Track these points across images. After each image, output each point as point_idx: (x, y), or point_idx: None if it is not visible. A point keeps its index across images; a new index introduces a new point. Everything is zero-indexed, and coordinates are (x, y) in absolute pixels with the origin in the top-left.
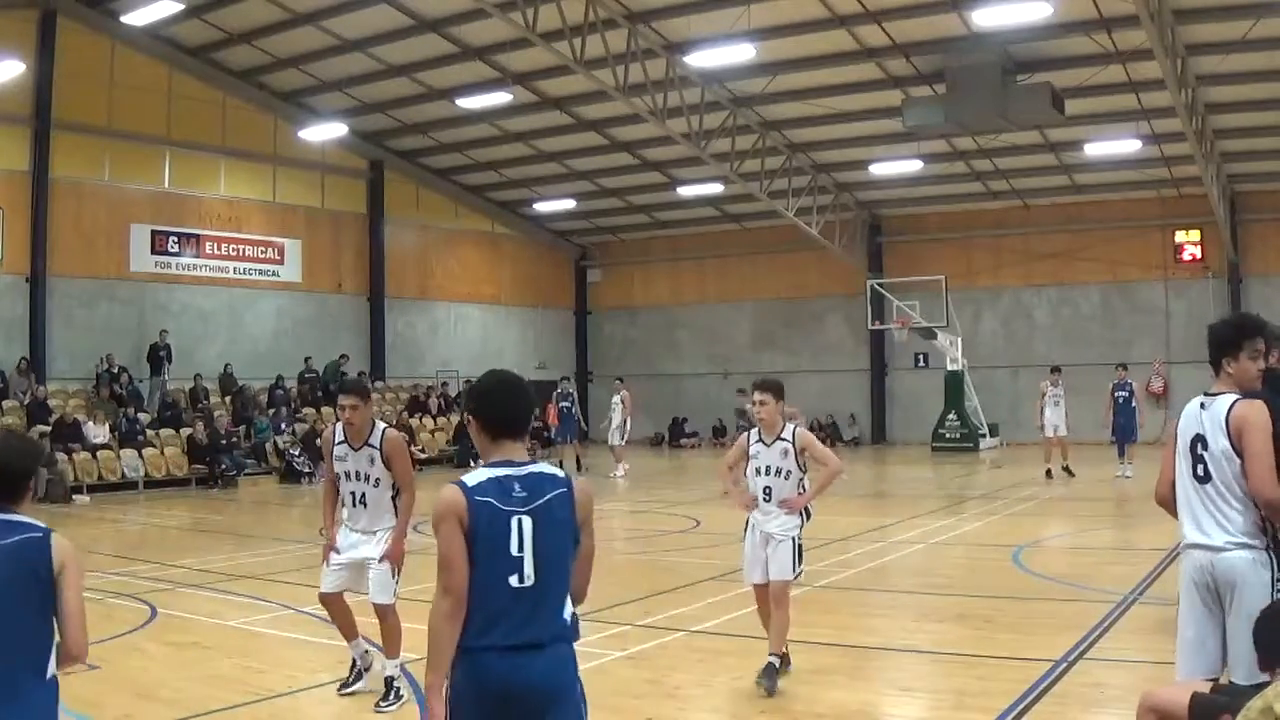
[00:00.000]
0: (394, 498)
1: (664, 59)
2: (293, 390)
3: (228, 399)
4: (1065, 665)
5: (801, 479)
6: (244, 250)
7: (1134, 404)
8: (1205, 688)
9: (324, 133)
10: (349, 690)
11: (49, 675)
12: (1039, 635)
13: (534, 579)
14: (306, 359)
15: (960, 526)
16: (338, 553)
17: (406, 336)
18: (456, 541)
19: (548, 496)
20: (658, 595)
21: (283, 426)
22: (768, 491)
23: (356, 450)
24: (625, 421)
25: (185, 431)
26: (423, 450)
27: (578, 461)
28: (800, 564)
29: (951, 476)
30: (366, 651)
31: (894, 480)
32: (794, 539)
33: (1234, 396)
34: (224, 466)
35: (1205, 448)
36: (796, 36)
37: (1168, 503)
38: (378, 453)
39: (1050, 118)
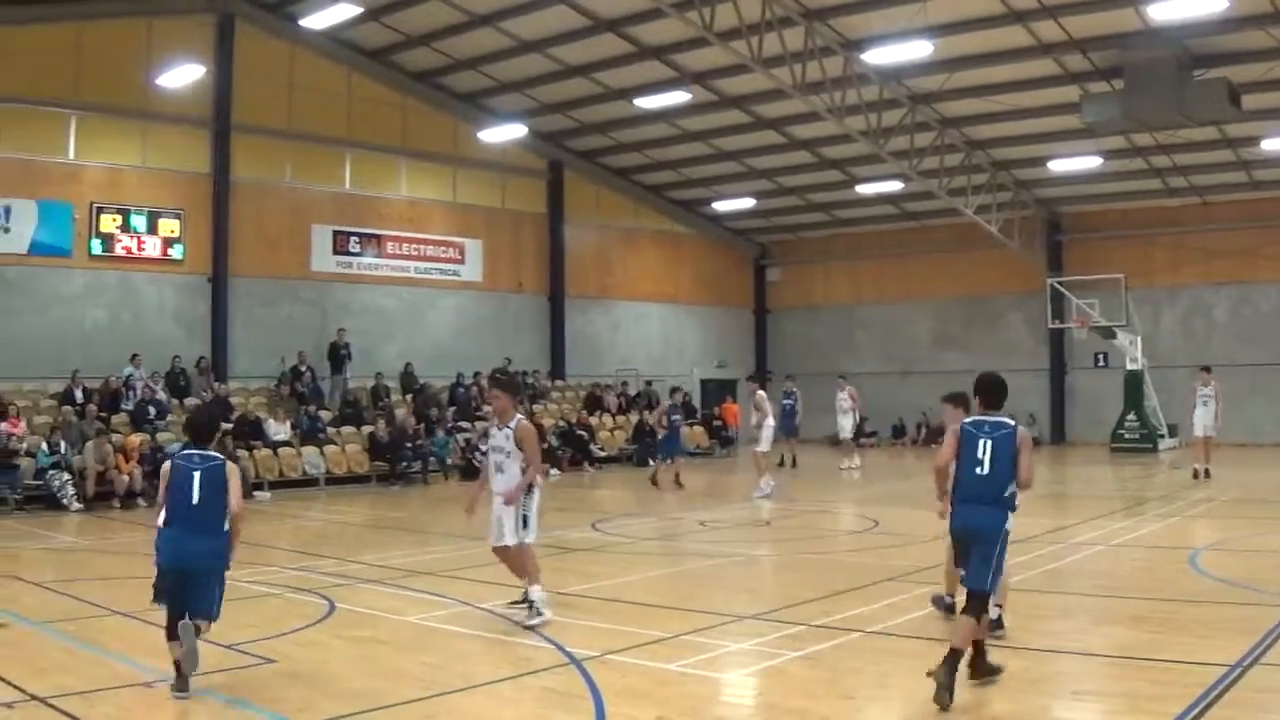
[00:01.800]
0: (523, 470)
1: (841, 56)
2: (473, 389)
3: (409, 397)
4: (1240, 670)
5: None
6: (425, 250)
7: None
8: None
9: (503, 133)
10: (514, 604)
11: (225, 528)
12: (1214, 639)
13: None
14: (507, 360)
15: (1139, 528)
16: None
17: (586, 335)
18: None
19: None
20: (836, 595)
21: (448, 428)
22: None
23: (499, 430)
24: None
25: (366, 429)
26: (601, 449)
27: (793, 459)
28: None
29: (1130, 477)
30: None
31: (1073, 481)
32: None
33: None
34: (406, 464)
35: None
36: (973, 33)
37: None
38: (512, 433)
39: (1228, 113)
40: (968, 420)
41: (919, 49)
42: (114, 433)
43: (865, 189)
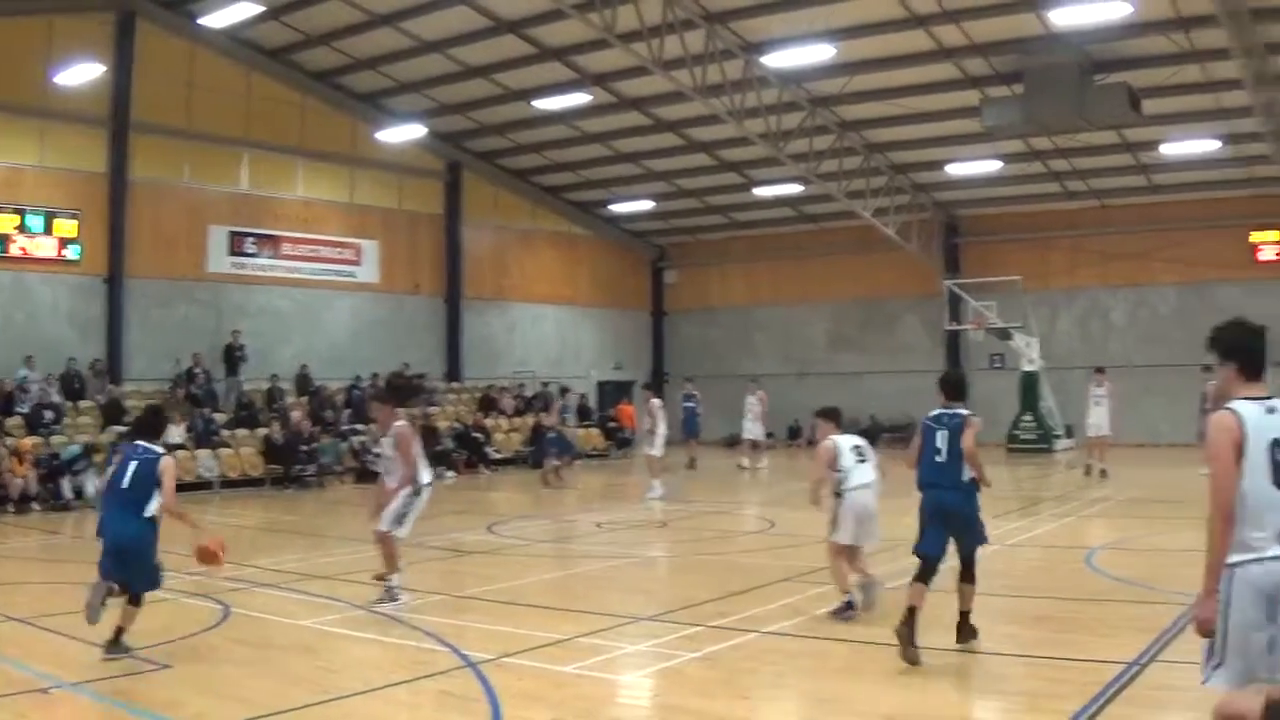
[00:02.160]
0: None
1: (742, 59)
2: (368, 392)
3: (304, 399)
4: (1137, 668)
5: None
6: (321, 251)
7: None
8: (1278, 693)
9: (402, 134)
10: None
11: (150, 514)
12: (1112, 638)
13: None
14: (405, 364)
15: (1035, 528)
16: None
17: (483, 337)
18: None
19: None
20: (732, 596)
21: (342, 431)
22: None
23: (385, 439)
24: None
25: (261, 432)
26: (497, 451)
27: (692, 461)
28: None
29: (1027, 478)
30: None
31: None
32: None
33: None
34: (300, 467)
35: None
36: (875, 36)
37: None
38: (393, 440)
39: (1128, 118)
40: (928, 416)
41: (820, 52)
42: (8, 436)
43: (763, 191)
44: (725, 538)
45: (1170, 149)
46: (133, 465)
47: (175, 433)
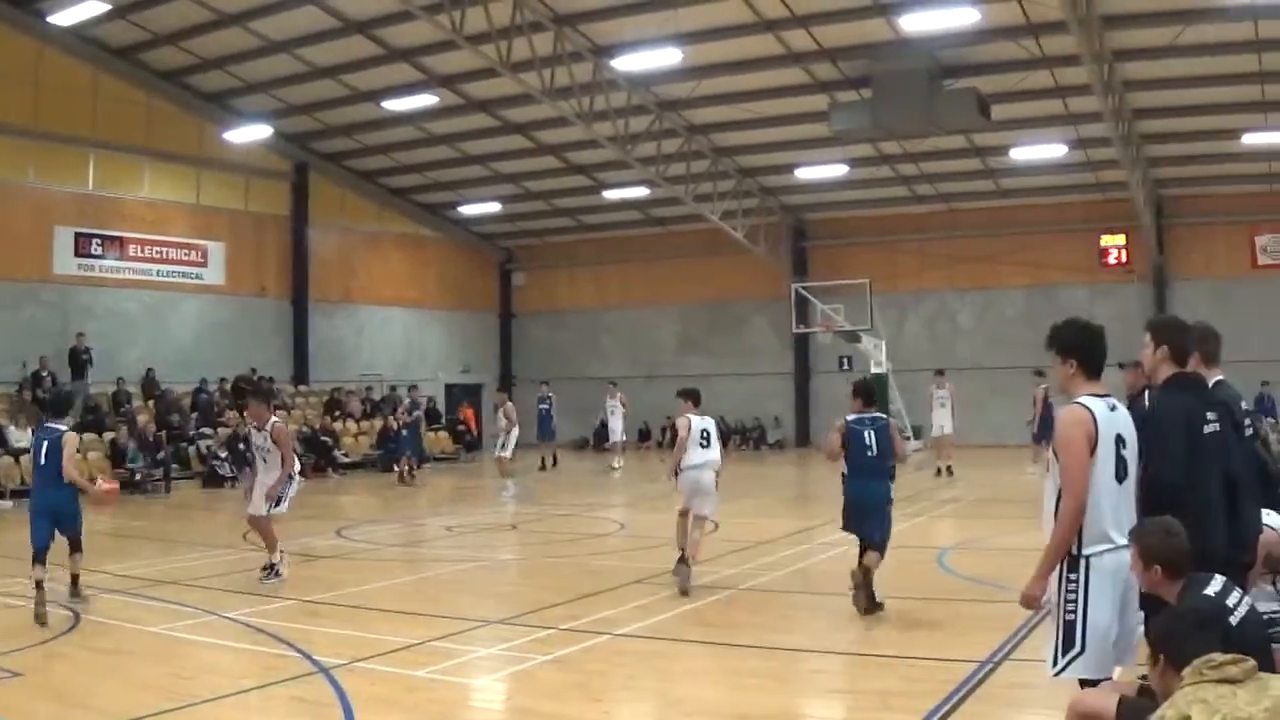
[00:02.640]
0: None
1: (591, 62)
2: (215, 395)
3: (150, 403)
4: (990, 666)
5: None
6: (167, 253)
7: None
8: (1132, 691)
9: (248, 134)
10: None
11: (65, 482)
12: (964, 636)
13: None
14: (253, 369)
15: None
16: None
17: (330, 340)
18: None
19: None
20: (583, 599)
21: (190, 435)
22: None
23: (258, 432)
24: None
25: (108, 436)
26: (345, 454)
27: (554, 459)
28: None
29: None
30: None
31: (818, 483)
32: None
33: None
34: (147, 472)
35: (1125, 447)
36: (724, 41)
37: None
38: (269, 434)
39: (976, 123)
40: (852, 418)
41: (669, 56)
42: None
43: (611, 194)
44: (576, 541)
45: (1019, 154)
46: (45, 444)
47: (21, 436)
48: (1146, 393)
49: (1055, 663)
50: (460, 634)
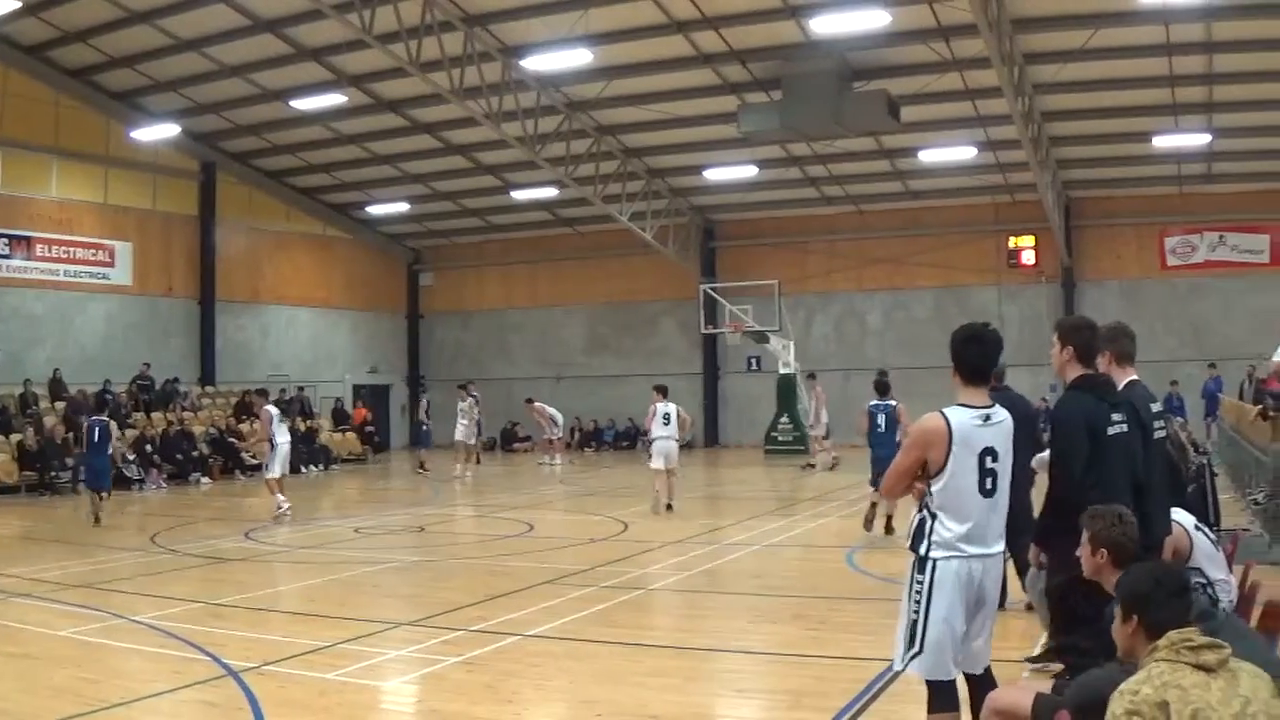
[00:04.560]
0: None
1: (500, 62)
2: (122, 397)
3: (58, 405)
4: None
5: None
6: (74, 253)
7: None
8: (1046, 688)
9: (156, 133)
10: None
11: None
12: (874, 635)
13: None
14: (146, 364)
15: (794, 528)
16: None
17: (237, 340)
18: None
19: None
20: (492, 600)
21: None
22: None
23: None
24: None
25: (15, 438)
26: (253, 457)
27: (477, 458)
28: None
29: (784, 479)
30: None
31: (728, 483)
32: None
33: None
34: (55, 474)
35: (995, 460)
36: (634, 42)
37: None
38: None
39: (886, 124)
40: (872, 404)
41: (578, 57)
42: None
43: (520, 195)
44: (484, 542)
45: (928, 155)
46: None
47: None
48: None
49: (900, 658)
50: (370, 636)
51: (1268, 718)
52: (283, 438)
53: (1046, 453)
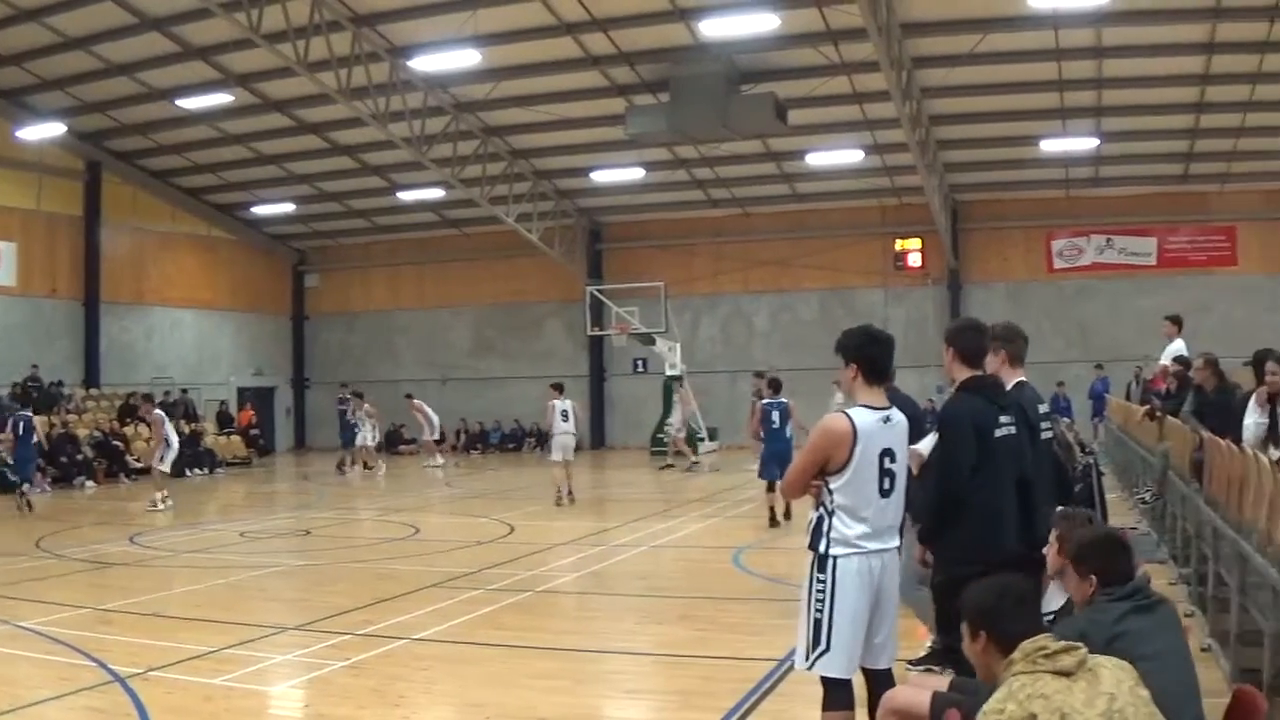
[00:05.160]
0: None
1: (388, 63)
2: (4, 399)
3: None
4: (788, 664)
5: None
6: None
7: None
8: (944, 686)
9: (41, 132)
10: None
11: None
12: (761, 635)
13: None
14: (34, 365)
15: (681, 529)
16: None
17: (121, 342)
18: None
19: None
20: (379, 603)
21: None
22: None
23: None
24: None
25: None
26: (138, 460)
27: (346, 463)
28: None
29: (671, 480)
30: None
31: (614, 484)
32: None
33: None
34: None
35: (893, 460)
36: (522, 43)
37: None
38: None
39: (773, 127)
40: (765, 402)
41: (466, 57)
42: None
43: (406, 196)
44: (370, 545)
45: (815, 159)
46: None
47: None
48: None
49: (805, 657)
50: (256, 641)
51: (1134, 710)
52: (174, 437)
53: (919, 445)
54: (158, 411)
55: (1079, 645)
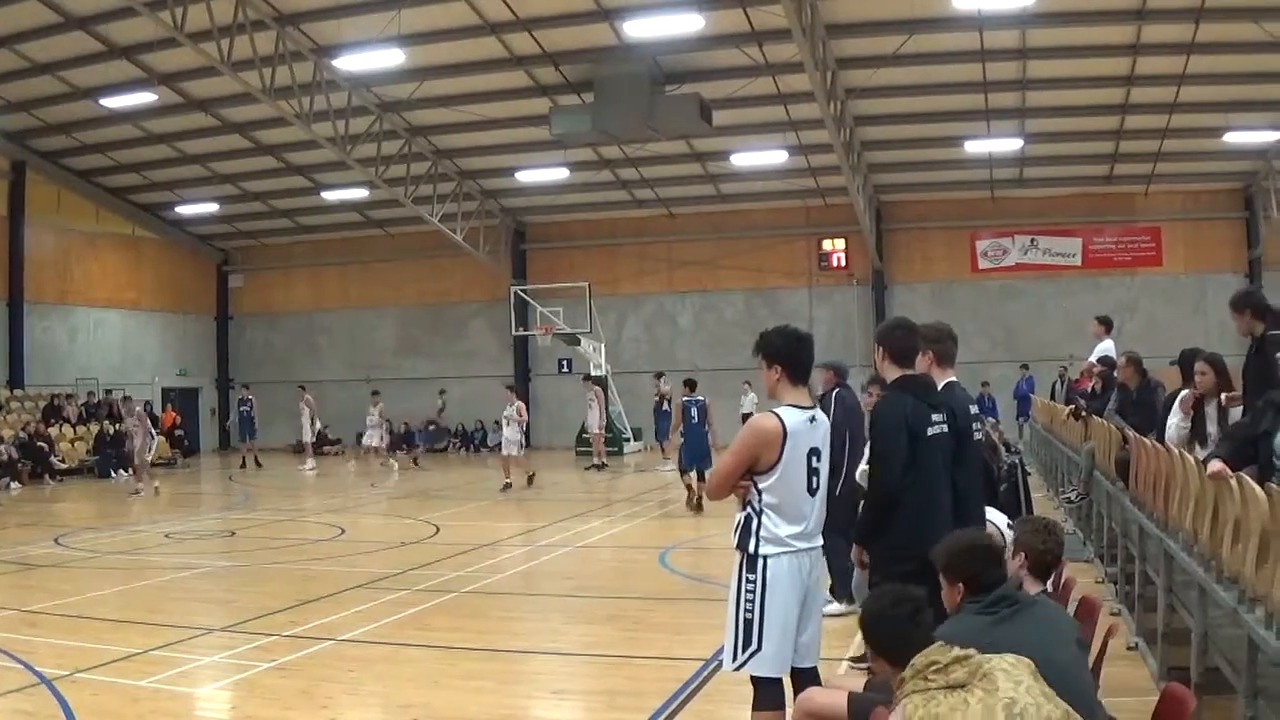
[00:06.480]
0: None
1: (312, 62)
2: None
3: None
4: (715, 664)
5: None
6: None
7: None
8: (859, 686)
9: None
10: None
11: None
12: (689, 635)
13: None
14: None
15: (608, 529)
16: None
17: (45, 343)
18: None
19: None
20: (305, 605)
21: None
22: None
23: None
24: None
25: None
26: (62, 460)
27: (256, 460)
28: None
29: (596, 480)
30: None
31: (540, 485)
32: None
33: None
34: None
35: (818, 459)
36: (446, 43)
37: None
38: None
39: (698, 128)
40: (685, 399)
41: (391, 57)
42: None
43: (330, 195)
44: (296, 546)
45: (740, 159)
46: None
47: None
48: (834, 393)
49: (735, 658)
50: (182, 642)
51: (1036, 709)
52: (154, 431)
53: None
54: (139, 409)
55: (970, 653)
